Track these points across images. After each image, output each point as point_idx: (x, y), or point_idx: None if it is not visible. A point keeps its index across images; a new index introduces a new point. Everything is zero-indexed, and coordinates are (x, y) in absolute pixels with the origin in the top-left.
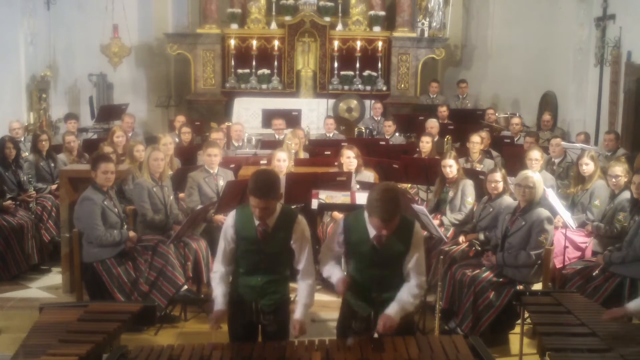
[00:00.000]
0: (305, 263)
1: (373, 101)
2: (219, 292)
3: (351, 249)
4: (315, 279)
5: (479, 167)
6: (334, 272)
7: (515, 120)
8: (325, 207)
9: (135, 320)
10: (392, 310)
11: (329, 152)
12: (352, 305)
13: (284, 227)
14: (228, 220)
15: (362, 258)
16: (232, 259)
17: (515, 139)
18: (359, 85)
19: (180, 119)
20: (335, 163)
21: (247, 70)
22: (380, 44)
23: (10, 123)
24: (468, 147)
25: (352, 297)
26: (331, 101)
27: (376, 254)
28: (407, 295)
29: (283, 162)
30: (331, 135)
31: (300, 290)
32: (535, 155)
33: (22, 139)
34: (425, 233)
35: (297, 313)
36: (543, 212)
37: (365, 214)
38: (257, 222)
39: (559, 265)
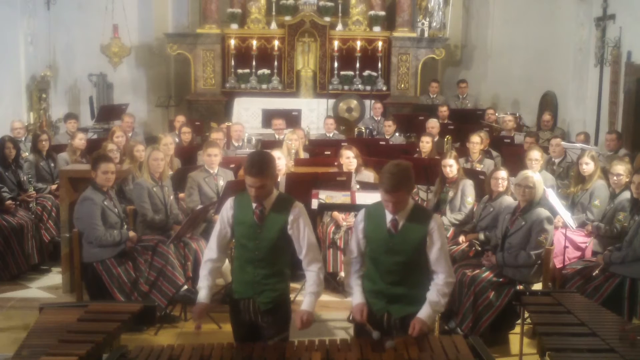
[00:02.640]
0: (308, 250)
1: (373, 101)
2: (204, 284)
3: (369, 236)
4: (322, 266)
5: (479, 167)
6: (355, 293)
7: (508, 118)
8: (325, 207)
9: (135, 320)
10: (424, 313)
11: (329, 152)
12: (367, 298)
13: (281, 211)
14: (227, 204)
15: (378, 245)
16: (224, 245)
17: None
18: (359, 85)
19: (180, 119)
20: (335, 163)
21: (247, 70)
22: (380, 44)
23: (13, 122)
24: (468, 147)
25: (367, 290)
26: (331, 101)
27: (392, 240)
28: (436, 295)
29: (278, 160)
30: (331, 135)
31: (307, 279)
32: (535, 155)
33: (23, 139)
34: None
35: (304, 303)
36: (543, 212)
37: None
38: (254, 206)
39: (559, 265)
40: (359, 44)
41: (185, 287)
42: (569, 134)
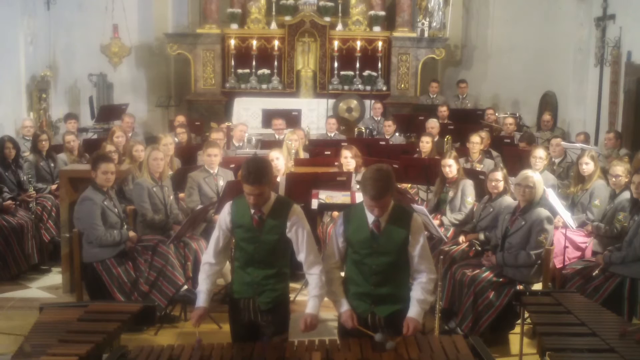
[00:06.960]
0: (308, 253)
1: (373, 101)
2: (203, 288)
3: (351, 238)
4: (323, 268)
5: (479, 167)
6: (340, 300)
7: (509, 120)
8: (325, 207)
9: (135, 320)
10: (414, 311)
11: (329, 152)
12: (350, 303)
13: (279, 215)
14: (225, 210)
15: (361, 246)
16: (223, 251)
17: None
18: (359, 85)
19: (180, 119)
20: (336, 163)
21: (247, 70)
22: (380, 44)
23: (23, 121)
24: (468, 147)
25: (351, 293)
26: (331, 101)
27: (375, 241)
28: (421, 293)
29: (277, 160)
30: (332, 135)
31: (309, 283)
32: (539, 153)
33: (30, 138)
34: (425, 233)
35: (308, 307)
36: (543, 212)
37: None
38: (252, 212)
39: (559, 265)
40: (359, 44)
41: (185, 287)
42: (569, 134)
